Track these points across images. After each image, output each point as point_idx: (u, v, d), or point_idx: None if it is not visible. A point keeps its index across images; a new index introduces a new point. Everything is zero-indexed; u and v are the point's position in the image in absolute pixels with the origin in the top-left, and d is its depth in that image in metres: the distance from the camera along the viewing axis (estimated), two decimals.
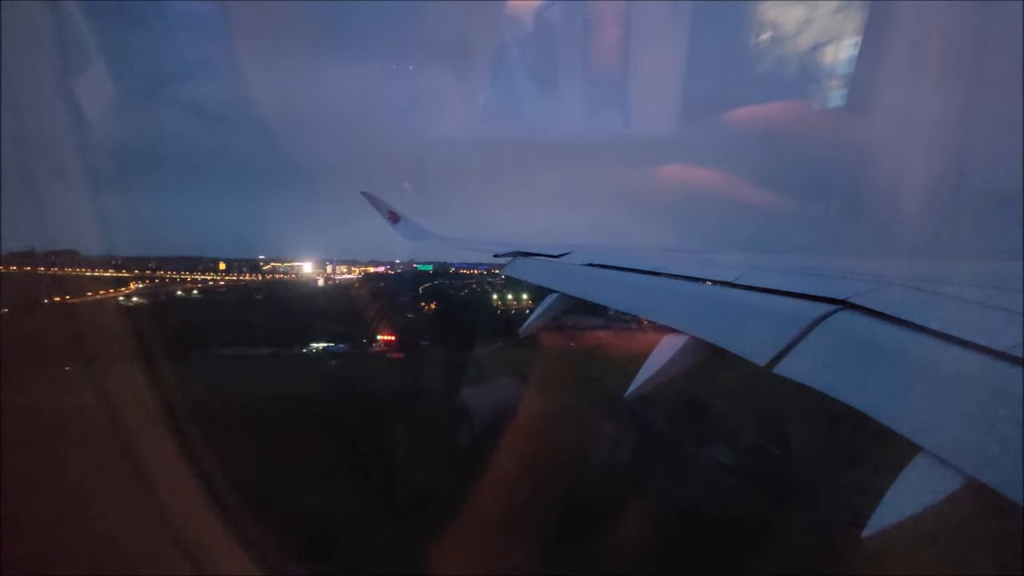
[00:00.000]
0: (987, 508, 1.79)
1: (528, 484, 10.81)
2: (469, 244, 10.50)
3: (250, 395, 17.42)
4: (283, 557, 7.11)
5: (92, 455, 6.02)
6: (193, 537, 5.58)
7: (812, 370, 2.66)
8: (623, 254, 6.30)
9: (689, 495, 12.70)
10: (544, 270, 7.12)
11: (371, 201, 12.21)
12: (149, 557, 5.17)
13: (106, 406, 6.45)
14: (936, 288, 2.93)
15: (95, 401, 6.42)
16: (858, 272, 3.56)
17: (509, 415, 14.51)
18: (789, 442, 13.80)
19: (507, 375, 26.97)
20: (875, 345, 2.60)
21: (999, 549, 2.15)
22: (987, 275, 3.24)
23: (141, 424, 6.70)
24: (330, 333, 29.31)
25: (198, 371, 18.33)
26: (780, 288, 3.50)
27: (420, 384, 21.34)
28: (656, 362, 3.66)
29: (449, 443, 15.07)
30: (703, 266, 5.23)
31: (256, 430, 13.82)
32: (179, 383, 10.25)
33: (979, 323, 2.40)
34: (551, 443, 12.38)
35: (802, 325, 2.88)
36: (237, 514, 6.43)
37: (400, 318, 34.84)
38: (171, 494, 5.96)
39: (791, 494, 11.96)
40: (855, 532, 2.04)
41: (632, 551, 10.13)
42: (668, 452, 15.37)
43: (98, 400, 6.47)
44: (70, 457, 5.94)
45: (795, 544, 9.57)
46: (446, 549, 9.44)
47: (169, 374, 9.80)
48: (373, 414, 16.92)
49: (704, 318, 3.87)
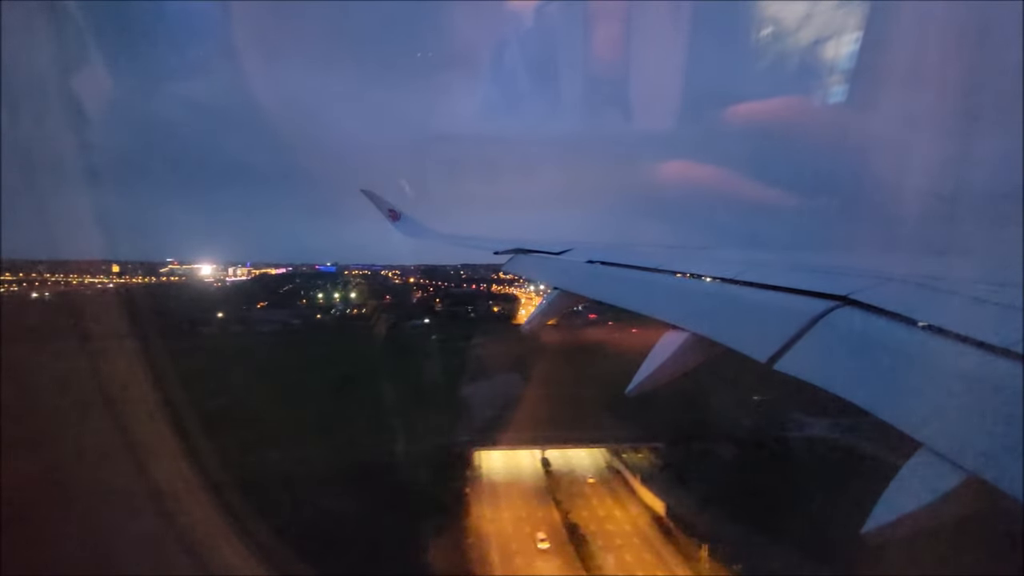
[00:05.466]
0: (987, 505, 1.80)
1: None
2: (469, 242, 10.48)
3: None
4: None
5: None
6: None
7: (813, 366, 2.66)
8: (624, 251, 6.29)
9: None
10: (544, 267, 7.11)
11: (371, 199, 12.18)
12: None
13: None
14: (936, 284, 2.92)
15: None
16: (859, 268, 3.55)
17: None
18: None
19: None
20: (876, 341, 2.60)
21: (999, 546, 2.15)
22: (987, 272, 3.24)
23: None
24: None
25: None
26: (781, 284, 3.49)
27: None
28: (657, 358, 3.66)
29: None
30: (704, 262, 5.21)
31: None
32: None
33: (979, 319, 2.40)
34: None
35: (803, 321, 2.88)
36: None
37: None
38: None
39: None
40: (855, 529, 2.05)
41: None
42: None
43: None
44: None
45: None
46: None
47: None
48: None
49: (705, 315, 3.86)
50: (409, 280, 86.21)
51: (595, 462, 34.90)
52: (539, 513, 28.65)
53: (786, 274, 3.72)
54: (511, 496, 30.41)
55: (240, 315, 58.51)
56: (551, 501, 29.82)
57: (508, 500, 29.99)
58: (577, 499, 30.40)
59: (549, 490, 31.15)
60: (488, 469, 33.67)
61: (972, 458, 1.81)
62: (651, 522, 27.74)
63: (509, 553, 25.23)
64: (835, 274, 3.60)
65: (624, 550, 25.57)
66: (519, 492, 30.85)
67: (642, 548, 25.80)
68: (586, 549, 25.34)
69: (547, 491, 31.04)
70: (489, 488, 31.25)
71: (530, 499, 30.14)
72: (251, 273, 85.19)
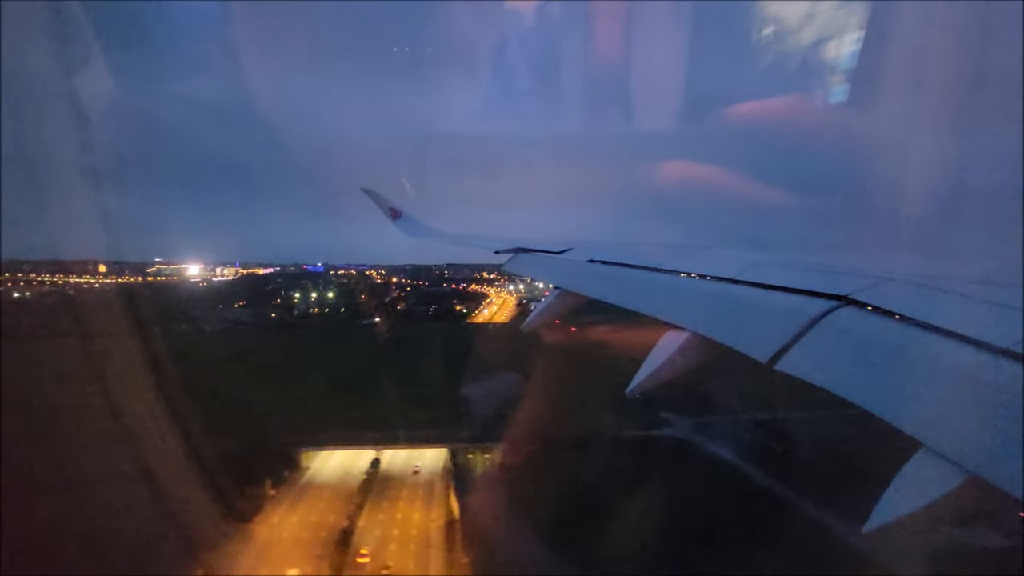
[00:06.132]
0: (988, 505, 1.81)
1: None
2: (470, 241, 10.48)
3: None
4: None
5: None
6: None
7: (814, 366, 2.67)
8: (625, 250, 6.29)
9: None
10: (545, 266, 7.11)
11: (372, 198, 12.16)
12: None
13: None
14: (937, 284, 2.93)
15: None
16: (859, 268, 3.56)
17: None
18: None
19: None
20: (877, 341, 2.60)
21: (1000, 546, 2.16)
22: (988, 272, 3.24)
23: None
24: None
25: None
26: (781, 284, 3.49)
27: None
28: (658, 358, 3.66)
29: None
30: (704, 262, 5.21)
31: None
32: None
33: (980, 320, 2.41)
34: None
35: (804, 321, 2.89)
36: None
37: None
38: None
39: None
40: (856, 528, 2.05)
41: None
42: None
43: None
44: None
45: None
46: None
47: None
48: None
49: (706, 314, 3.87)
50: (392, 280, 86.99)
51: (435, 463, 33.94)
52: (330, 518, 27.54)
53: (787, 274, 3.73)
54: (315, 498, 29.62)
55: (201, 314, 58.71)
56: (351, 504, 28.75)
57: (308, 503, 29.18)
58: (383, 501, 29.55)
59: (361, 491, 30.21)
60: (316, 470, 33.10)
61: (972, 458, 1.82)
62: (443, 527, 26.87)
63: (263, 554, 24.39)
64: (835, 274, 3.61)
65: (383, 556, 24.80)
66: (328, 494, 30.03)
67: (401, 553, 25.13)
68: (344, 556, 24.43)
69: (358, 492, 30.03)
70: (299, 490, 30.61)
71: (332, 501, 29.17)
72: (238, 273, 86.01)
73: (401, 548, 25.75)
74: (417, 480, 32.44)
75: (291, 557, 24.42)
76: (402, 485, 31.81)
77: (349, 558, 24.71)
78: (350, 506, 28.73)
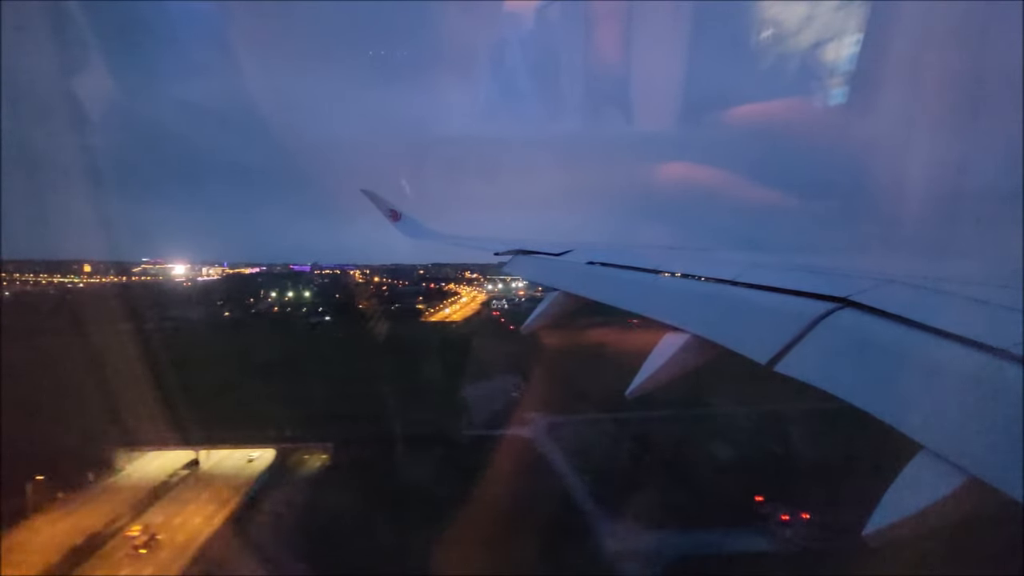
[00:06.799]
0: (988, 506, 1.80)
1: None
2: (469, 242, 10.48)
3: None
4: None
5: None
6: None
7: (814, 368, 2.66)
8: (624, 252, 6.29)
9: None
10: (545, 268, 7.11)
11: (372, 199, 12.16)
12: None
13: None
14: (936, 286, 2.92)
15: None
16: (859, 270, 3.55)
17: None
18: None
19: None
20: (876, 343, 2.60)
21: (1000, 547, 2.16)
22: (987, 273, 3.24)
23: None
24: None
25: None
26: (781, 286, 3.49)
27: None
28: (657, 360, 3.66)
29: None
30: (704, 264, 5.21)
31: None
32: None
33: (979, 321, 2.40)
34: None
35: (803, 323, 2.88)
36: None
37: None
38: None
39: None
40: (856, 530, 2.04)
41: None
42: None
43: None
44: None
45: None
46: None
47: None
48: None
49: (705, 316, 3.86)
50: (374, 279, 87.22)
51: (259, 464, 32.79)
52: (99, 522, 26.18)
53: (786, 275, 3.72)
54: (103, 502, 28.26)
55: (155, 313, 57.72)
56: (140, 506, 27.88)
57: (93, 506, 27.83)
58: (173, 504, 28.52)
59: (151, 495, 29.01)
60: (130, 471, 31.68)
61: (972, 459, 1.81)
62: (223, 527, 26.01)
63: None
64: (835, 276, 3.60)
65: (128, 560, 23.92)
66: (122, 497, 28.58)
67: (151, 557, 24.14)
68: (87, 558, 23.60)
69: (147, 496, 28.83)
70: (94, 493, 29.25)
71: (118, 505, 27.84)
72: (224, 273, 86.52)
73: (166, 549, 24.79)
74: (229, 482, 30.86)
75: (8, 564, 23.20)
76: (207, 487, 30.37)
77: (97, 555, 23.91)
78: (133, 511, 27.55)
